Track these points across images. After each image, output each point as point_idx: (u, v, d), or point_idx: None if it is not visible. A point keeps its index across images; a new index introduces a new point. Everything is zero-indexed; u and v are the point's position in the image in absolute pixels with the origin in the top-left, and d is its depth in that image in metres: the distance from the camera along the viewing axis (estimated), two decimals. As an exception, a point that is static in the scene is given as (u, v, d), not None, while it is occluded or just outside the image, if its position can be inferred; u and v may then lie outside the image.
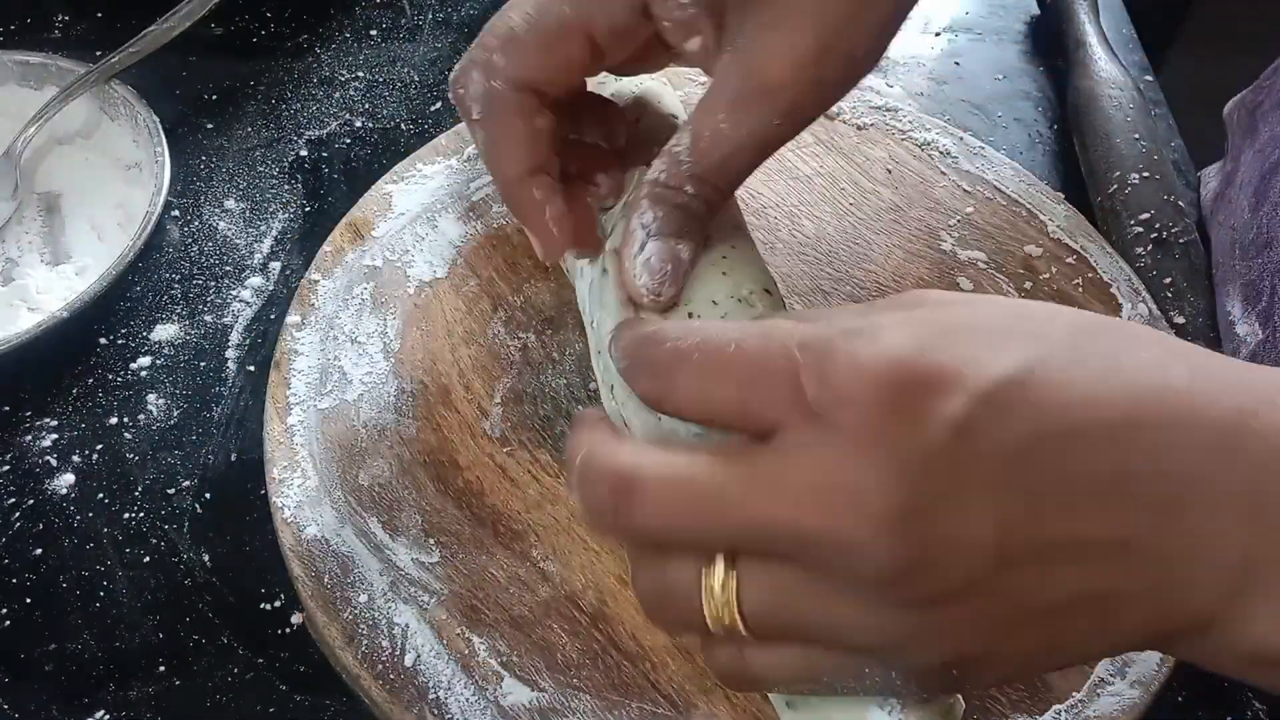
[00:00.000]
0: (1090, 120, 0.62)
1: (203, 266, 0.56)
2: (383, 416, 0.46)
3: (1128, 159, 0.59)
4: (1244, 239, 0.53)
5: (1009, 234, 0.55)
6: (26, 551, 0.45)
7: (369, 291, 0.50)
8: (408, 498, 0.44)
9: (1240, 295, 0.52)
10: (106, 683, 0.41)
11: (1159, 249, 0.56)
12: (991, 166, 0.58)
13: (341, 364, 0.48)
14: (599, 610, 0.41)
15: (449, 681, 0.38)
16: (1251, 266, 0.51)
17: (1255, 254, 0.51)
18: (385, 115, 0.65)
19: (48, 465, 0.47)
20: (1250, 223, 0.52)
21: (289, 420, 0.45)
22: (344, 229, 0.53)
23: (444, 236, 0.53)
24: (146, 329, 0.53)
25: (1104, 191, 0.59)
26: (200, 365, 0.52)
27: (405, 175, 0.55)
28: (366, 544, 0.42)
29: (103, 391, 0.50)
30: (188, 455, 0.48)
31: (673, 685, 0.39)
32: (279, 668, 0.42)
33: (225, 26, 0.69)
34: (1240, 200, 0.54)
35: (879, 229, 0.55)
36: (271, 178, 0.60)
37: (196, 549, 0.45)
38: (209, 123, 0.63)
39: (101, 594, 0.44)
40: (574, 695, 0.39)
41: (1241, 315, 0.51)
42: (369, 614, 0.40)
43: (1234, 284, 0.53)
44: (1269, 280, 0.50)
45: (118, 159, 0.58)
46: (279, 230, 0.58)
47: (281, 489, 0.43)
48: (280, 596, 0.43)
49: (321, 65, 0.68)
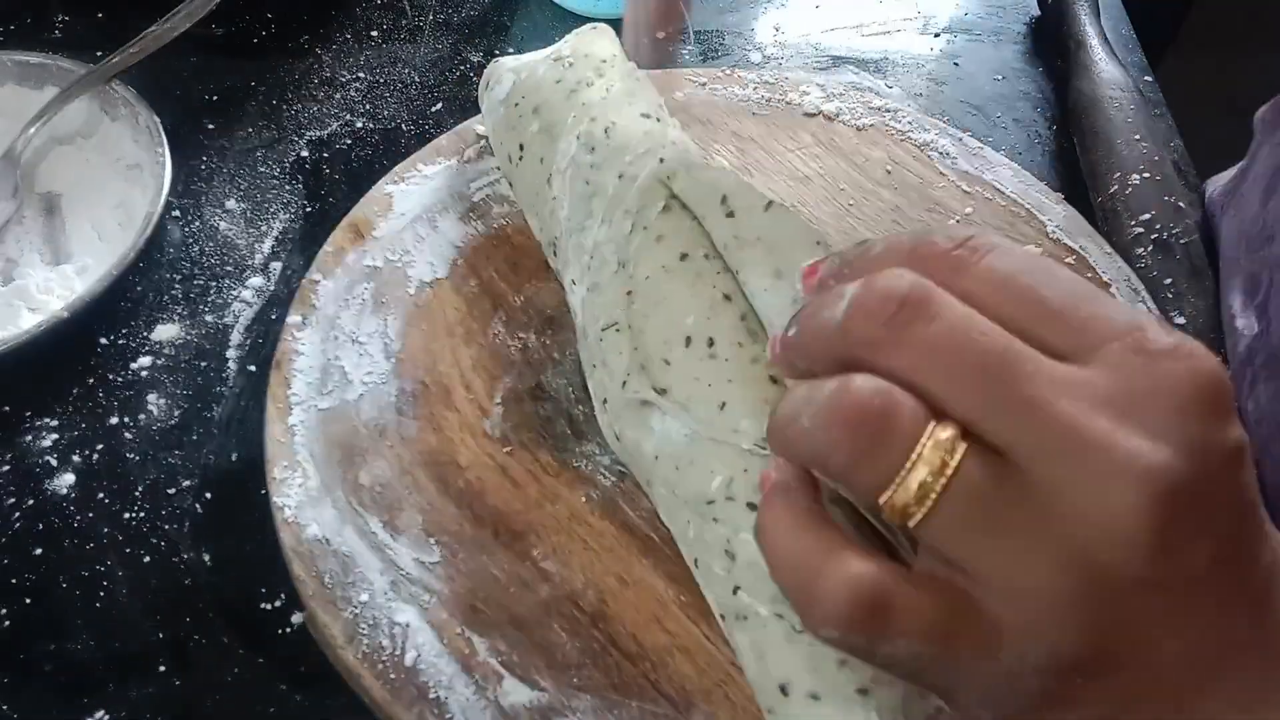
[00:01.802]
0: (1091, 121, 0.62)
1: (203, 266, 0.56)
2: (383, 416, 0.46)
3: (1128, 160, 0.59)
4: (1250, 231, 0.53)
5: (1009, 234, 0.55)
6: (26, 551, 0.45)
7: (370, 291, 0.50)
8: (408, 498, 0.44)
9: (1241, 288, 0.52)
10: (106, 683, 0.41)
11: (1160, 250, 0.56)
12: (990, 167, 0.58)
13: (342, 364, 0.48)
14: (599, 610, 0.41)
15: (449, 681, 0.38)
16: (1254, 259, 0.51)
17: (1259, 247, 0.51)
18: (386, 116, 0.65)
19: (48, 465, 0.47)
20: (1258, 216, 0.52)
21: (290, 420, 0.45)
22: (345, 229, 0.53)
23: (444, 237, 0.53)
24: (147, 329, 0.53)
25: (1104, 192, 0.59)
26: (201, 365, 0.52)
27: (406, 175, 0.55)
28: (367, 544, 0.42)
29: (103, 391, 0.50)
30: (188, 455, 0.48)
31: (673, 685, 0.39)
32: (279, 668, 0.42)
33: (226, 27, 0.69)
34: (1251, 194, 0.54)
35: (879, 229, 0.55)
36: (272, 178, 0.60)
37: (197, 549, 0.45)
38: (210, 123, 0.63)
39: (101, 594, 0.44)
40: (574, 695, 0.39)
41: (1241, 308, 0.51)
42: (369, 613, 0.40)
43: (1237, 277, 0.53)
44: (1268, 273, 0.50)
45: (118, 159, 0.58)
46: (280, 230, 0.58)
47: (282, 489, 0.43)
48: (280, 596, 0.43)
49: (322, 66, 0.68)
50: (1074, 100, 0.64)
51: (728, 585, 0.37)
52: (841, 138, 0.60)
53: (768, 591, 0.35)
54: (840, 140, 0.60)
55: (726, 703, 0.39)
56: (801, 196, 0.56)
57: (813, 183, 0.57)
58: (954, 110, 0.67)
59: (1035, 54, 0.72)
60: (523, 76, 0.51)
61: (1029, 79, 0.70)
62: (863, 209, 0.56)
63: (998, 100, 0.68)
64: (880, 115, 0.61)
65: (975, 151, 0.59)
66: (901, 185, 0.57)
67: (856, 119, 0.60)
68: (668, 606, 0.41)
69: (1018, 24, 0.75)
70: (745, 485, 0.37)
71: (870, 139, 0.60)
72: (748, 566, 0.36)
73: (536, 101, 0.49)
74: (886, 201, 0.56)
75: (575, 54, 0.51)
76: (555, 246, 0.48)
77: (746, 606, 0.36)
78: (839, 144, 0.59)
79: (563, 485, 0.44)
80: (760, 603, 0.35)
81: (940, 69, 0.71)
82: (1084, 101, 0.63)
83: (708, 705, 0.39)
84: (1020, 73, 0.71)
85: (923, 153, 0.59)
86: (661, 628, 0.40)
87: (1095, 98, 0.63)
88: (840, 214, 0.56)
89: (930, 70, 0.70)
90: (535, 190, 0.49)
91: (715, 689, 0.39)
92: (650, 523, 0.43)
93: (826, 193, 0.57)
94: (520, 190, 0.51)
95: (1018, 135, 0.66)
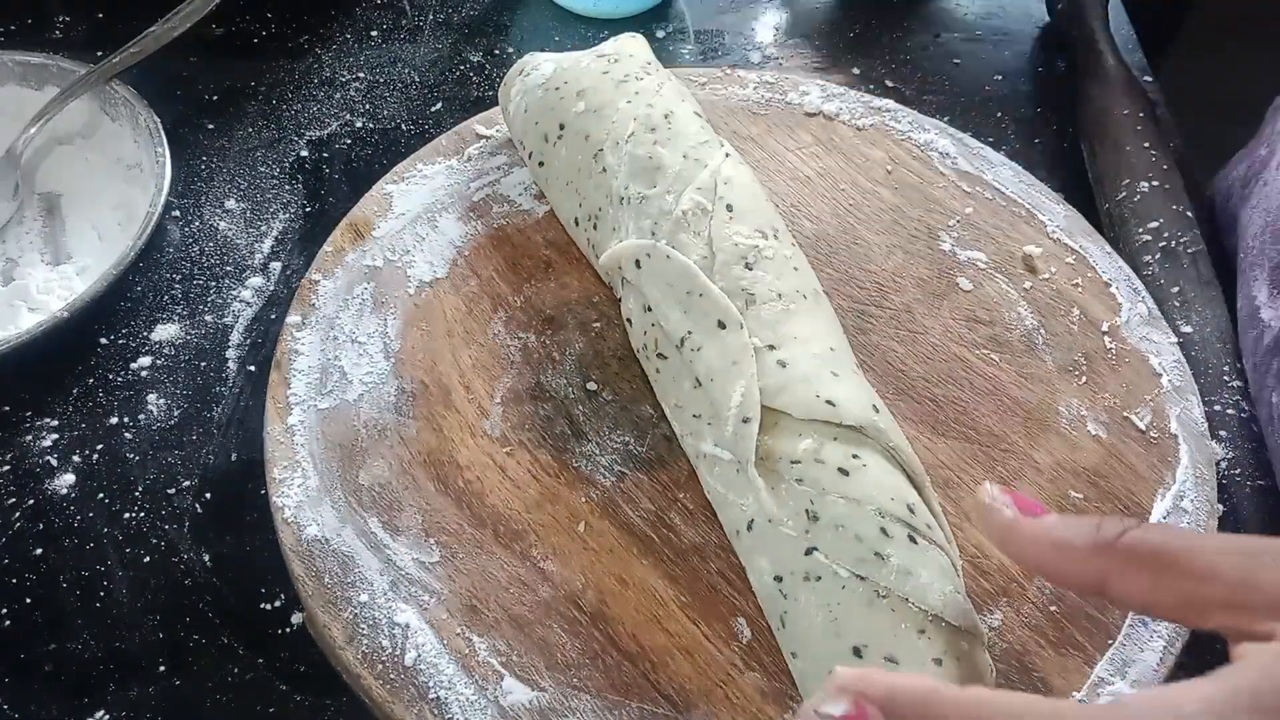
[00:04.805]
0: (1102, 127, 0.62)
1: (203, 266, 0.56)
2: (383, 416, 0.46)
3: (1138, 167, 0.59)
4: (1277, 222, 0.52)
5: (1009, 234, 0.55)
6: (26, 551, 0.45)
7: (369, 291, 0.50)
8: (408, 497, 0.44)
9: (1269, 279, 0.51)
10: (106, 683, 0.41)
11: (1167, 258, 0.55)
12: (991, 167, 0.58)
13: (342, 364, 0.48)
14: (599, 610, 0.41)
15: (449, 681, 0.38)
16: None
17: None
18: (385, 116, 0.65)
19: (48, 465, 0.47)
20: None
21: (289, 420, 0.45)
22: (344, 229, 0.53)
23: (444, 236, 0.53)
24: (147, 329, 0.53)
25: (1112, 199, 0.59)
26: (201, 365, 0.52)
27: (406, 175, 0.55)
28: (367, 544, 0.42)
29: (103, 391, 0.50)
30: (188, 455, 0.48)
31: (673, 685, 0.39)
32: (279, 668, 0.42)
33: (226, 27, 0.69)
34: (1276, 183, 0.53)
35: (879, 229, 0.55)
36: (272, 178, 0.60)
37: (196, 549, 0.45)
38: (210, 123, 0.63)
39: (101, 594, 0.44)
40: (574, 695, 0.39)
41: (1268, 299, 0.50)
42: (369, 613, 0.40)
43: (1262, 267, 0.52)
44: None
45: (118, 159, 0.58)
46: (279, 230, 0.58)
47: (282, 489, 0.43)
48: (280, 596, 0.44)
49: (322, 66, 0.68)
50: (1084, 106, 0.64)
51: (800, 546, 0.38)
52: (841, 137, 0.60)
53: (850, 554, 0.37)
54: (840, 140, 0.60)
55: (726, 703, 0.39)
56: (801, 196, 0.56)
57: (813, 182, 0.57)
58: (954, 110, 0.67)
59: (1035, 54, 0.72)
60: (565, 65, 0.53)
61: (1029, 79, 0.70)
62: (863, 209, 0.56)
63: (998, 100, 0.68)
64: (880, 115, 0.61)
65: (975, 151, 0.59)
66: (901, 185, 0.57)
67: (856, 119, 0.60)
68: (668, 607, 0.41)
69: (1018, 24, 0.74)
70: (835, 451, 0.39)
71: (870, 139, 0.60)
72: (831, 528, 0.37)
73: (582, 86, 0.51)
74: (886, 201, 0.56)
75: (619, 53, 0.53)
76: (597, 218, 0.49)
77: (824, 567, 0.37)
78: (839, 144, 0.59)
79: (563, 485, 0.44)
80: (841, 564, 0.36)
81: (941, 68, 0.70)
82: (1095, 107, 0.63)
83: (708, 705, 0.39)
84: (1021, 72, 0.71)
85: (923, 152, 0.59)
86: (661, 628, 0.40)
87: (1107, 104, 0.62)
88: (840, 214, 0.56)
89: (931, 70, 0.70)
90: (577, 166, 0.50)
91: (715, 689, 0.39)
92: (650, 523, 0.43)
93: (826, 192, 0.57)
94: (554, 168, 0.52)
95: (1018, 135, 0.66)
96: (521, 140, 0.54)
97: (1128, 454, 0.47)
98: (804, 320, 0.43)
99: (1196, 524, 0.44)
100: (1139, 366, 0.50)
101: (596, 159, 0.49)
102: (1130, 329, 0.51)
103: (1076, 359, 0.50)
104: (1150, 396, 0.49)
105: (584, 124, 0.50)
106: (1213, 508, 0.45)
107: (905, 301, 0.52)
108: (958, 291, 0.53)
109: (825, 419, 0.40)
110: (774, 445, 0.40)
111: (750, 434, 0.40)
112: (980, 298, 0.52)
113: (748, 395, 0.40)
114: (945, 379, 0.49)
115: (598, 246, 0.49)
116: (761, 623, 0.40)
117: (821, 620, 0.36)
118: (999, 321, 0.51)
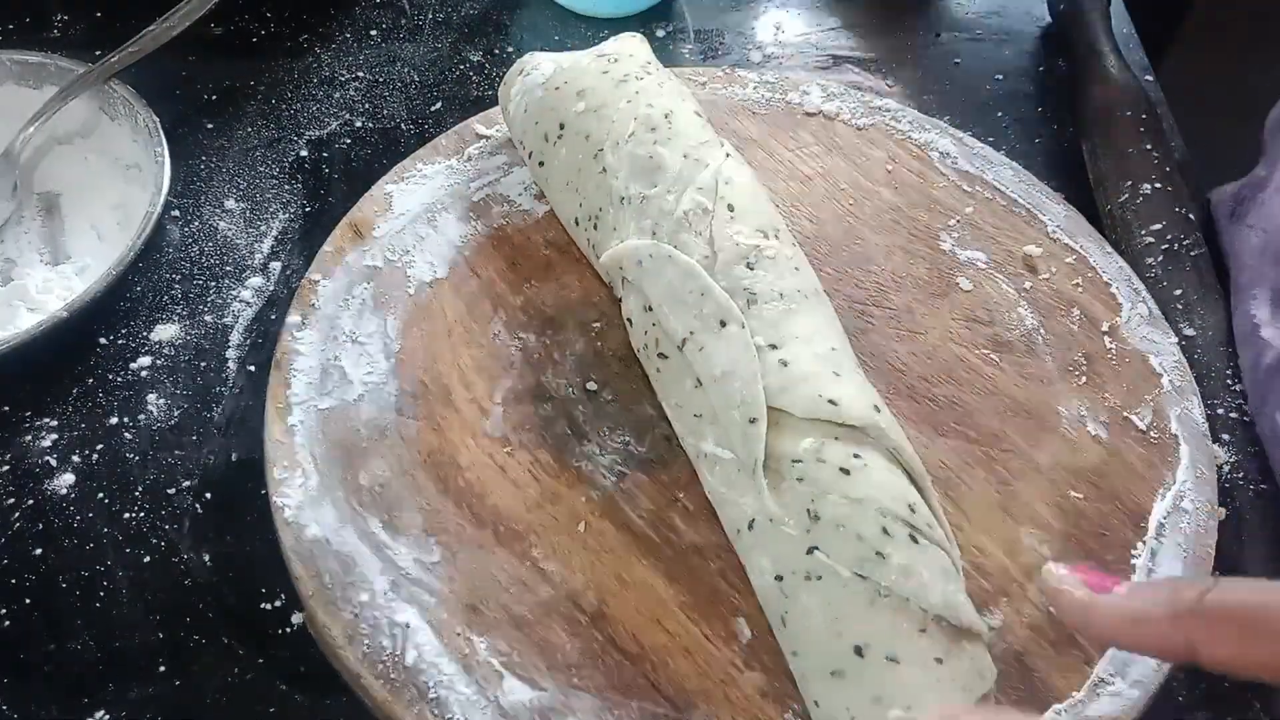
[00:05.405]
0: (1103, 127, 0.62)
1: (203, 266, 0.56)
2: (383, 417, 0.46)
3: (1140, 168, 0.59)
4: (1276, 242, 0.52)
5: (1009, 234, 0.55)
6: (26, 551, 0.45)
7: (369, 292, 0.50)
8: (408, 498, 0.44)
9: (1270, 299, 0.51)
10: (106, 683, 0.41)
11: (1170, 260, 0.55)
12: (991, 167, 0.58)
13: (342, 364, 0.48)
14: (599, 610, 0.41)
15: (450, 681, 0.38)
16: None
17: None
18: (385, 115, 0.65)
19: (48, 465, 0.47)
20: None
21: (290, 420, 0.45)
22: (344, 229, 0.53)
23: (444, 236, 0.53)
24: (146, 329, 0.53)
25: (1114, 200, 0.59)
26: (200, 365, 0.52)
27: (406, 175, 0.55)
28: (367, 544, 0.42)
29: (103, 391, 0.50)
30: (188, 455, 0.48)
31: (673, 685, 0.39)
32: (279, 668, 0.42)
33: (225, 26, 0.69)
34: (1274, 203, 0.53)
35: (879, 229, 0.55)
36: (272, 178, 0.60)
37: (196, 549, 0.45)
38: (209, 123, 0.63)
39: (101, 594, 0.44)
40: (574, 695, 0.39)
41: (1270, 318, 0.50)
42: (370, 614, 0.40)
43: (1262, 287, 0.52)
44: None
45: (118, 159, 0.58)
46: (279, 230, 0.58)
47: (282, 489, 0.43)
48: (280, 596, 0.43)
49: (322, 65, 0.68)
50: (1087, 107, 0.64)
51: (801, 545, 0.38)
52: (842, 137, 0.60)
53: (852, 553, 0.37)
54: (840, 140, 0.60)
55: (726, 703, 0.39)
56: (801, 196, 0.56)
57: (813, 182, 0.57)
58: (955, 110, 0.67)
59: (1035, 55, 0.72)
60: (565, 64, 0.53)
61: (1029, 79, 0.70)
62: (863, 208, 0.56)
63: (998, 100, 0.68)
64: (880, 115, 0.61)
65: (975, 151, 0.59)
66: (901, 185, 0.57)
67: (856, 119, 0.60)
68: (668, 606, 0.41)
69: (1018, 24, 0.74)
70: (837, 451, 0.39)
71: (870, 139, 0.60)
72: (832, 527, 0.37)
73: (582, 86, 0.51)
74: (886, 201, 0.56)
75: (619, 53, 0.53)
76: (598, 218, 0.49)
77: (825, 567, 0.37)
78: (839, 144, 0.59)
79: (563, 485, 0.44)
80: (842, 564, 0.36)
81: (941, 68, 0.70)
82: (1097, 109, 0.63)
83: (708, 705, 0.39)
84: (1021, 72, 0.71)
85: (923, 152, 0.59)
86: (661, 628, 0.40)
87: (1109, 106, 0.62)
88: (840, 213, 0.56)
89: (931, 69, 0.70)
90: (577, 166, 0.50)
91: (715, 689, 0.39)
92: (650, 523, 0.43)
93: (827, 192, 0.57)
94: (554, 168, 0.52)
95: (1018, 135, 0.66)
96: (521, 140, 0.54)
97: (1128, 454, 0.47)
98: (805, 320, 0.43)
99: (1196, 524, 0.44)
100: (1139, 366, 0.50)
101: (597, 159, 0.49)
102: (1130, 329, 0.51)
103: (1077, 359, 0.50)
104: (1151, 396, 0.49)
105: (584, 124, 0.50)
106: (1213, 508, 0.45)
107: (905, 301, 0.52)
108: (958, 291, 0.53)
109: (827, 418, 0.40)
110: (775, 444, 0.40)
111: (758, 435, 0.40)
112: (980, 298, 0.52)
113: (752, 395, 0.40)
114: (945, 379, 0.49)
115: (598, 246, 0.49)
116: (762, 622, 0.40)
117: (822, 619, 0.36)
118: (999, 321, 0.51)
